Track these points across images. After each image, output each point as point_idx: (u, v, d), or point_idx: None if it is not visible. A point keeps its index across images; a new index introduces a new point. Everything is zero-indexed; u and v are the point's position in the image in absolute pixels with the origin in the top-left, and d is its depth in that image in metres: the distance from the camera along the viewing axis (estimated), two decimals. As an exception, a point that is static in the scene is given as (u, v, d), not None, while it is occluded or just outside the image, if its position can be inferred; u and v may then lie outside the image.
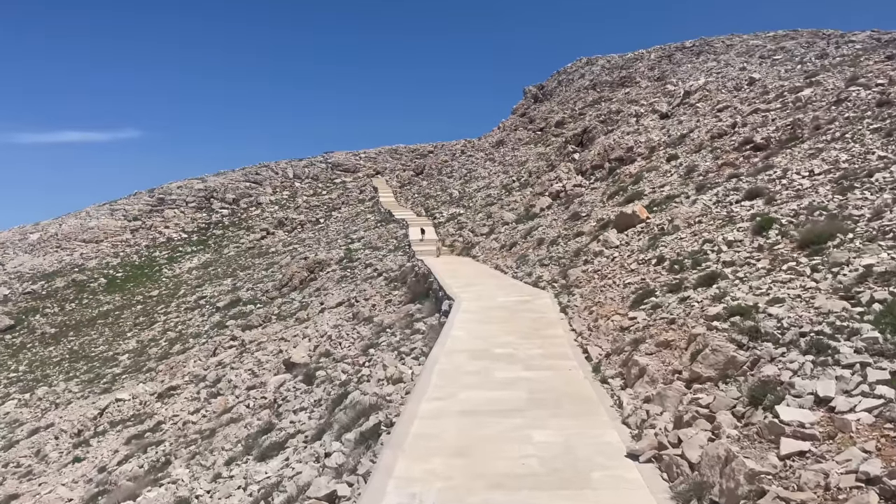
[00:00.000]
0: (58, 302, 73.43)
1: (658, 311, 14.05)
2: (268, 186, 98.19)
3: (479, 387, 11.93)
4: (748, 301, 11.46)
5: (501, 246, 38.23)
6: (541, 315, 18.63)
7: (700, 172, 31.12)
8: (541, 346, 14.97)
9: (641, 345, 12.05)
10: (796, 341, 9.14)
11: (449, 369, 13.32)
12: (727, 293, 12.60)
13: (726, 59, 68.72)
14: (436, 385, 12.18)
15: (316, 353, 28.07)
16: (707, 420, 8.41)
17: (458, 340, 16.01)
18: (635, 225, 24.27)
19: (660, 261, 18.57)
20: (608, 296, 17.72)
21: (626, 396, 10.64)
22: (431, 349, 16.09)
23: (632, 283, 17.73)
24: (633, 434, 9.20)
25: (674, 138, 42.74)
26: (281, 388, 25.29)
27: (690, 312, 12.56)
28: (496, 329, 16.98)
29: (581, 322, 16.86)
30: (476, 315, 19.08)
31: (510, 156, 77.08)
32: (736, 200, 21.36)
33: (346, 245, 62.75)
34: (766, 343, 9.48)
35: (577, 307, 18.63)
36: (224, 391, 32.52)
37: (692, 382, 9.79)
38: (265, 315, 48.47)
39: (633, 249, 21.65)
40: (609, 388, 11.59)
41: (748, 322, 10.29)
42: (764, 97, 42.58)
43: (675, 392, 9.62)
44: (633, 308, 15.30)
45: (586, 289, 20.15)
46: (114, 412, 38.35)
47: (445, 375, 12.89)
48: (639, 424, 9.41)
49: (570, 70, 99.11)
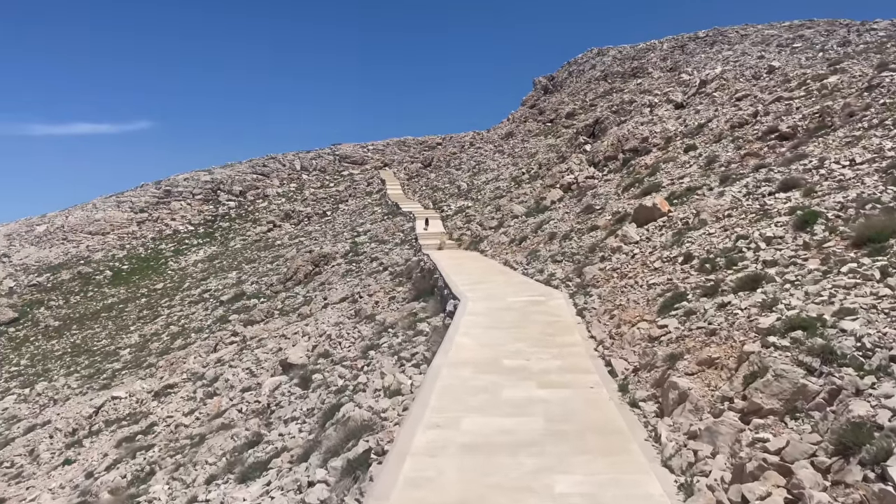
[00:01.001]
0: (63, 294, 72.02)
1: (692, 318, 12.04)
2: (275, 178, 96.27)
3: (485, 410, 9.98)
4: (809, 311, 9.44)
5: (511, 240, 36.21)
6: (555, 318, 16.64)
7: (721, 163, 29.16)
8: (556, 357, 13.01)
9: (679, 361, 10.05)
10: (888, 367, 7.15)
11: (451, 385, 11.38)
12: (778, 300, 10.59)
13: (742, 49, 66.26)
14: (435, 407, 10.23)
15: (314, 354, 26.23)
16: (780, 473, 6.42)
17: (464, 348, 14.06)
18: (656, 219, 22.22)
19: (687, 259, 16.54)
20: (631, 298, 15.71)
21: (664, 428, 8.65)
22: (433, 357, 14.17)
23: (657, 284, 15.71)
24: (678, 483, 7.23)
25: (691, 128, 40.60)
26: (276, 392, 23.47)
27: (735, 322, 10.56)
28: (505, 334, 15.01)
29: (601, 328, 14.87)
30: (483, 317, 17.10)
31: (520, 147, 74.93)
32: (769, 192, 19.28)
33: (352, 238, 60.93)
34: (845, 369, 7.48)
35: (595, 310, 16.62)
36: (220, 391, 30.82)
37: (749, 415, 7.81)
38: (268, 310, 46.73)
39: (656, 245, 19.61)
40: (641, 415, 9.62)
41: (816, 340, 8.28)
42: (785, 85, 40.44)
43: (730, 428, 7.64)
44: (661, 314, 13.29)
45: (605, 289, 18.13)
46: (109, 410, 36.76)
47: (447, 393, 10.95)
48: (685, 469, 7.45)
49: (580, 61, 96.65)
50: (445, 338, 15.15)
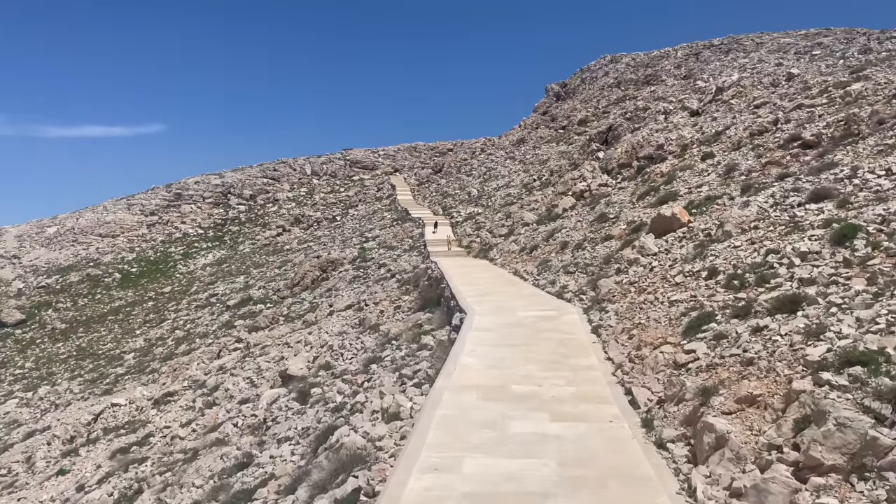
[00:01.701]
0: (71, 297, 71.23)
1: (724, 343, 10.70)
2: (285, 183, 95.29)
3: (491, 449, 8.68)
4: (867, 342, 8.10)
5: (521, 248, 34.87)
6: (569, 336, 15.30)
7: (742, 172, 27.79)
8: (571, 382, 11.69)
9: (714, 397, 8.71)
10: (981, 421, 5.81)
11: (453, 416, 10.08)
12: (825, 326, 9.24)
13: (759, 56, 64.67)
14: (433, 443, 8.94)
15: (315, 365, 24.99)
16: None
17: (469, 370, 12.76)
18: (675, 229, 20.85)
19: (712, 274, 15.19)
20: (651, 316, 14.36)
21: (699, 480, 7.32)
22: (436, 377, 12.90)
23: (680, 302, 14.36)
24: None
25: (708, 136, 39.18)
26: (273, 406, 22.24)
27: (776, 351, 9.22)
28: (515, 354, 13.70)
29: (619, 349, 13.53)
30: (491, 334, 15.79)
31: (531, 154, 73.59)
32: (798, 203, 17.89)
33: (360, 244, 59.76)
34: (925, 419, 6.15)
35: (611, 328, 15.28)
36: (220, 400, 29.65)
37: (805, 471, 6.49)
38: (273, 316, 45.57)
39: (676, 258, 18.26)
40: (671, 459, 8.28)
41: (883, 380, 6.95)
42: (806, 92, 39.01)
43: (783, 487, 6.32)
44: (687, 336, 11.95)
45: (622, 304, 16.78)
46: (109, 418, 35.67)
47: (448, 426, 9.65)
48: (729, 537, 6.13)
49: (593, 68, 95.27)
50: (450, 356, 13.86)
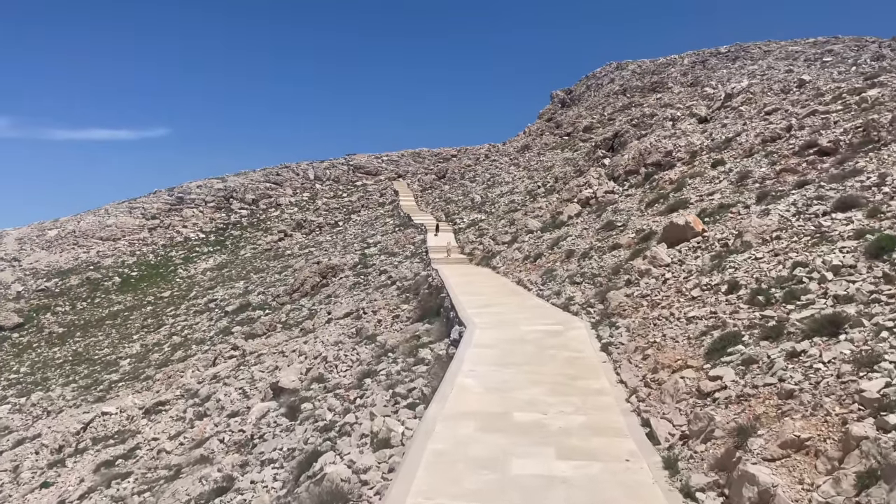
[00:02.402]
0: (70, 300, 70.09)
1: (754, 370, 9.35)
2: (288, 188, 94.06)
3: (488, 497, 7.34)
4: (936, 377, 6.76)
5: (525, 257, 33.54)
6: (576, 354, 13.96)
7: (755, 179, 26.51)
8: (580, 409, 10.35)
9: (752, 438, 7.38)
10: None
11: (446, 452, 8.75)
12: (878, 354, 7.91)
13: (768, 63, 63.42)
14: (420, 490, 7.60)
15: (308, 378, 23.67)
16: None
17: (467, 393, 11.43)
18: (689, 239, 19.50)
19: (733, 288, 13.84)
20: (667, 334, 13.01)
21: (741, 546, 6.00)
22: (431, 397, 11.58)
23: (699, 319, 13.01)
24: None
25: (718, 142, 37.84)
26: (262, 421, 20.93)
27: (820, 383, 7.88)
28: (518, 375, 12.37)
29: (633, 370, 12.18)
30: (492, 351, 14.45)
31: (536, 161, 72.33)
32: (824, 212, 16.54)
33: (362, 250, 58.49)
34: None
35: (623, 346, 13.94)
36: (210, 411, 28.39)
37: (880, 545, 5.15)
38: (270, 323, 44.30)
39: (692, 270, 16.91)
40: (701, 513, 6.96)
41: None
42: (819, 99, 37.71)
43: (853, 567, 4.98)
44: (711, 359, 10.60)
45: (633, 319, 15.43)
46: (98, 427, 34.45)
47: (440, 465, 8.32)
48: None
49: (599, 75, 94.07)
50: (446, 376, 12.52)
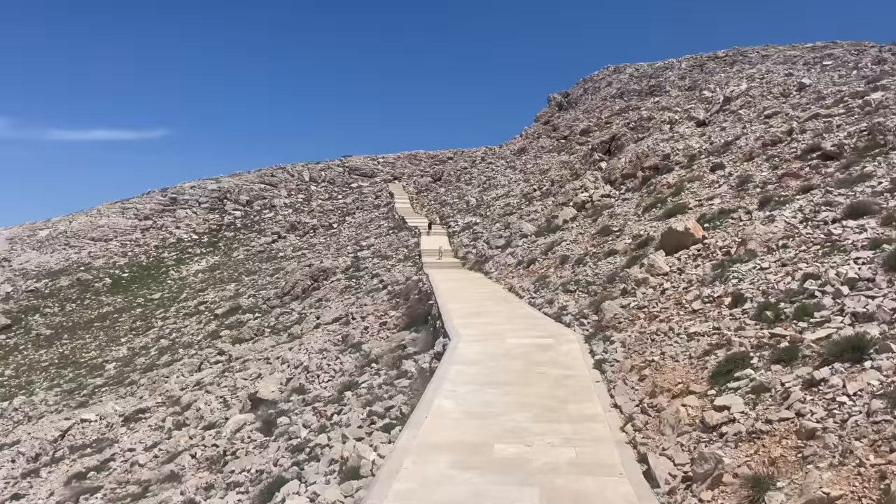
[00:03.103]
0: (59, 302, 68.72)
1: (766, 399, 8.18)
2: (283, 189, 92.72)
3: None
4: None
5: (518, 262, 32.37)
6: (567, 373, 12.77)
7: (756, 184, 25.49)
8: (569, 440, 9.17)
9: (770, 492, 6.20)
10: None
11: (412, 494, 7.56)
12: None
13: (767, 67, 62.34)
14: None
15: (288, 388, 22.46)
16: None
17: (443, 419, 10.24)
18: (689, 245, 18.35)
19: (737, 301, 12.68)
20: (667, 352, 11.83)
21: None
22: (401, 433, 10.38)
23: (701, 335, 11.84)
24: None
25: (717, 146, 36.78)
26: (237, 435, 19.73)
27: (847, 421, 6.71)
28: (502, 397, 11.18)
29: (629, 393, 11.00)
30: (476, 368, 13.26)
31: (532, 164, 71.18)
32: (833, 219, 15.39)
33: (355, 252, 57.28)
34: None
35: (618, 363, 12.75)
36: (190, 420, 27.19)
37: None
38: (258, 327, 43.10)
39: (692, 280, 15.75)
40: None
41: None
42: (820, 102, 36.76)
43: None
44: (716, 383, 9.42)
45: (629, 333, 14.25)
46: (77, 434, 33.19)
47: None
48: None
49: (596, 78, 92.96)
50: (423, 398, 11.33)
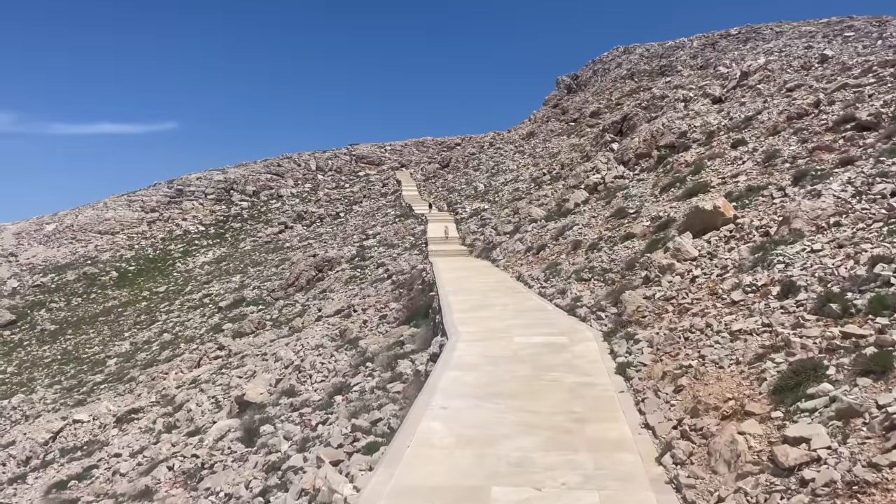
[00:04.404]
0: (65, 296, 67.15)
1: (859, 429, 5.92)
2: (289, 179, 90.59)
3: None
4: None
5: (527, 248, 30.06)
6: (584, 380, 10.52)
7: (785, 158, 23.13)
8: (591, 478, 6.95)
9: None
10: None
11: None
12: None
13: (784, 42, 59.32)
14: None
15: (277, 390, 20.37)
16: None
17: (429, 448, 8.02)
18: (719, 226, 16.00)
19: (787, 290, 10.37)
20: (706, 355, 9.54)
21: None
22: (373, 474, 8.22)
23: (748, 334, 9.54)
24: None
25: (737, 121, 34.23)
26: (219, 443, 17.68)
27: None
28: (504, 415, 8.96)
29: (663, 410, 8.73)
30: (475, 375, 11.03)
31: (541, 147, 68.65)
32: (892, 192, 13.02)
33: (360, 242, 55.17)
34: None
35: (646, 368, 10.48)
36: (179, 423, 25.25)
37: None
38: (259, 321, 41.12)
39: (727, 265, 13.41)
40: None
41: None
42: (847, 73, 34.06)
43: None
44: (781, 401, 7.14)
45: (657, 330, 11.96)
46: (68, 436, 31.36)
47: None
48: None
49: (605, 59, 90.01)
50: (408, 418, 9.12)
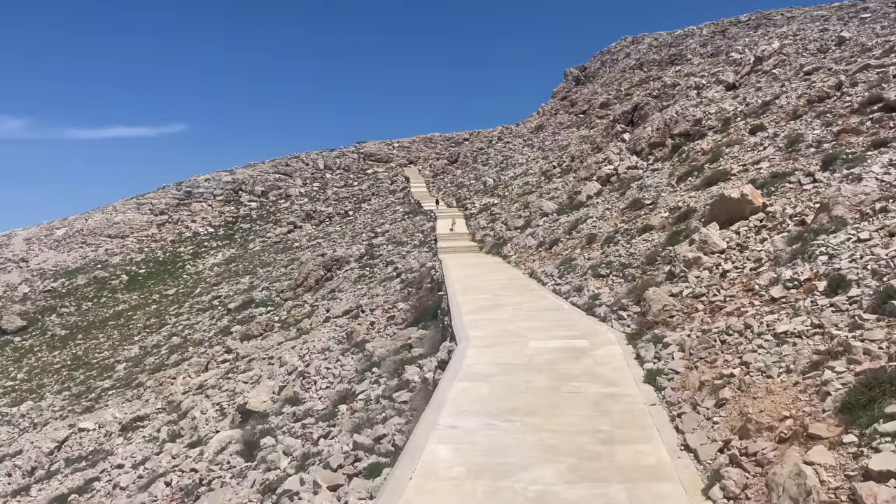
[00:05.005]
0: (76, 301, 66.61)
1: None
2: (298, 178, 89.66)
3: None
4: None
5: (539, 243, 28.84)
6: (610, 391, 9.31)
7: (809, 143, 21.86)
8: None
9: None
10: None
11: None
12: None
13: (797, 26, 57.60)
14: None
15: (281, 398, 19.31)
16: None
17: (436, 480, 6.85)
18: (747, 216, 14.72)
19: (837, 284, 9.14)
20: (750, 362, 8.33)
21: None
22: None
23: (796, 336, 8.32)
24: None
25: (753, 107, 32.84)
26: (219, 456, 16.63)
27: None
28: (522, 435, 7.79)
29: (705, 429, 7.52)
30: (487, 386, 9.85)
31: (550, 140, 67.27)
32: (944, 173, 11.74)
33: (369, 240, 54.10)
34: None
35: (678, 376, 9.27)
36: (184, 431, 24.28)
37: None
38: (267, 323, 40.14)
39: (761, 258, 12.16)
40: None
41: None
42: (868, 54, 32.57)
43: None
44: (853, 422, 5.94)
45: (688, 332, 10.73)
46: (74, 445, 30.54)
47: None
48: None
49: (613, 50, 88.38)
50: (411, 442, 7.95)
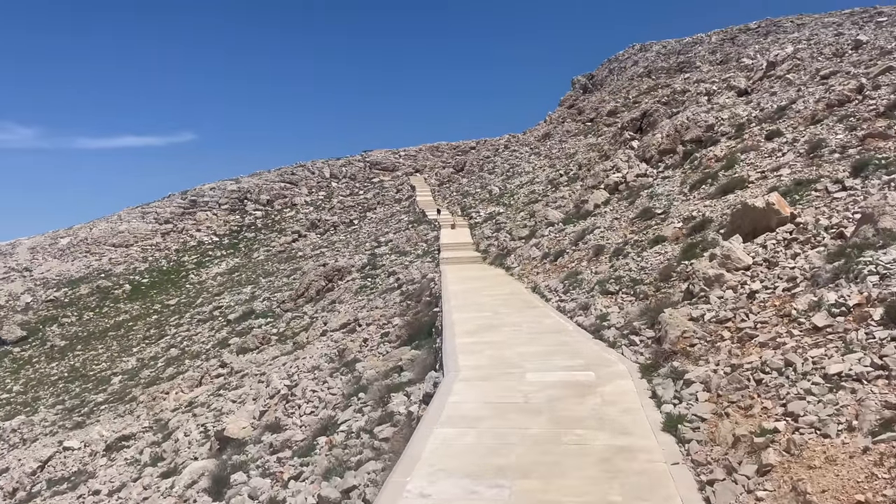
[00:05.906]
0: (78, 310, 65.27)
1: None
2: (303, 187, 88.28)
3: None
4: None
5: (544, 255, 27.10)
6: (621, 442, 7.57)
7: (833, 148, 20.16)
8: None
9: None
10: None
11: None
12: None
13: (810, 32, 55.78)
14: None
15: (261, 424, 17.62)
16: None
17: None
18: (773, 227, 12.97)
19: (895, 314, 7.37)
20: (799, 414, 6.58)
21: None
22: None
23: (856, 380, 6.57)
24: None
25: (768, 112, 31.06)
26: (187, 492, 14.97)
27: None
28: (511, 504, 6.10)
29: (743, 503, 5.80)
30: (474, 435, 8.11)
31: (557, 149, 65.55)
32: None
33: (372, 249, 52.50)
34: None
35: (706, 426, 7.51)
36: (166, 454, 22.63)
37: None
38: (264, 336, 38.54)
39: (795, 277, 10.40)
40: None
41: None
42: (888, 56, 30.86)
43: None
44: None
45: (714, 367, 8.96)
46: (57, 465, 28.98)
47: None
48: None
49: (621, 58, 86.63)
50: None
